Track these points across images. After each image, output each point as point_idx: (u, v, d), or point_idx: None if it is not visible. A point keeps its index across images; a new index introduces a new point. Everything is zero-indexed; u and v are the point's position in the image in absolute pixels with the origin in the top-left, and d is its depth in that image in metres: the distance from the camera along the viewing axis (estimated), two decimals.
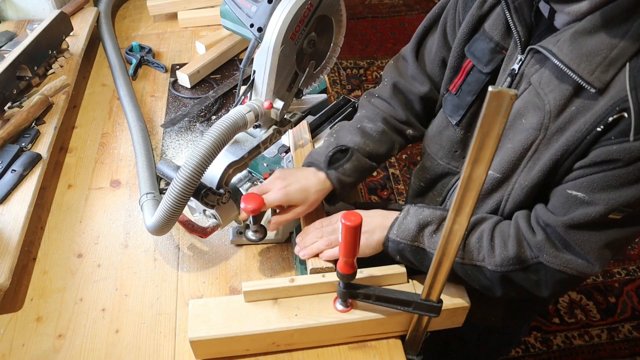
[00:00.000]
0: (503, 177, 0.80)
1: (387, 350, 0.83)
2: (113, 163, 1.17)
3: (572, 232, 0.72)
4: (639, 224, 0.72)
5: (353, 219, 0.64)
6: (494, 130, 0.50)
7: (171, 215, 0.82)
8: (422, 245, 0.80)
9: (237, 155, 0.86)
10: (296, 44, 0.86)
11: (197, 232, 0.91)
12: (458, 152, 0.92)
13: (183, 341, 0.85)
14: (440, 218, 0.81)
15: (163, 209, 0.82)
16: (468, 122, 0.89)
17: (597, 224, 0.71)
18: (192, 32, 1.60)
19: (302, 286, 0.81)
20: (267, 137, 0.91)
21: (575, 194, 0.72)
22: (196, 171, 0.77)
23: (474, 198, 0.57)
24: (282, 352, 0.83)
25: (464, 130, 0.89)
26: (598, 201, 0.69)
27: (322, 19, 0.89)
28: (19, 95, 1.22)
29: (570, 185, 0.73)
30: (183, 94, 1.36)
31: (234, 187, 0.92)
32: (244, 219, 0.90)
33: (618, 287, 2.05)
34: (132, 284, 0.93)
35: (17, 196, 1.00)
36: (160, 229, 0.86)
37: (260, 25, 0.85)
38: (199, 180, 0.79)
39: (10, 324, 0.88)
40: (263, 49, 0.84)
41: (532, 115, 0.75)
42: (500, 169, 0.79)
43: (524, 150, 0.76)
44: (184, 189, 0.78)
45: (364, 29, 3.32)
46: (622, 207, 0.68)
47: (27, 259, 0.98)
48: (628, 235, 0.73)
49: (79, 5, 1.55)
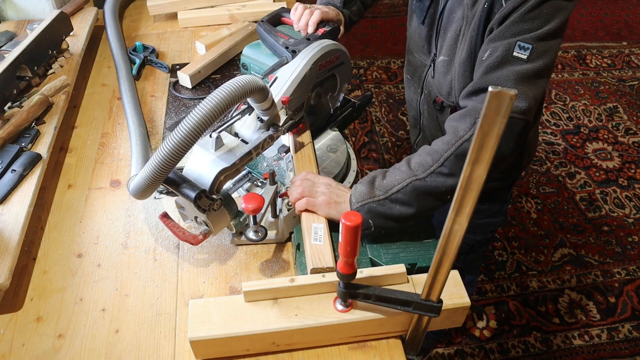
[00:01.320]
0: (449, 59, 1.03)
1: (387, 350, 0.83)
2: (113, 163, 1.17)
3: (486, 77, 0.88)
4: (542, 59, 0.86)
5: (353, 219, 0.64)
6: (494, 130, 0.50)
7: (159, 173, 0.76)
8: (379, 196, 0.88)
9: (228, 161, 0.86)
10: (317, 77, 1.03)
11: (188, 239, 0.90)
12: (425, 46, 1.15)
13: (183, 341, 0.85)
14: (382, 171, 0.93)
15: (153, 162, 0.76)
16: (429, 22, 1.10)
17: (505, 62, 0.87)
18: (192, 32, 1.60)
19: (302, 286, 0.81)
20: (259, 143, 0.91)
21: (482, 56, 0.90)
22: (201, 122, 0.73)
23: (474, 198, 0.57)
24: (282, 352, 0.83)
25: (427, 28, 1.11)
26: (497, 47, 0.87)
27: (332, 78, 1.09)
28: (19, 95, 1.22)
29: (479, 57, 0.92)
30: (184, 94, 1.36)
31: (226, 194, 0.91)
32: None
33: (618, 287, 2.05)
34: (132, 284, 0.93)
35: (17, 196, 1.00)
36: (146, 188, 0.80)
37: (295, 49, 1.03)
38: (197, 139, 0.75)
39: (10, 324, 0.88)
40: (293, 63, 1.00)
41: (458, 9, 0.99)
42: (447, 53, 1.04)
43: (456, 35, 1.00)
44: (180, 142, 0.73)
45: (364, 29, 3.32)
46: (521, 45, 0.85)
47: (27, 259, 0.98)
48: (537, 69, 0.86)
49: (79, 5, 1.55)
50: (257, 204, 0.83)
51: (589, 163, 2.53)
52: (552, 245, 2.18)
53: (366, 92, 2.86)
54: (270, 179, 0.93)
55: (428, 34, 1.12)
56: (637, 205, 2.34)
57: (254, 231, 0.91)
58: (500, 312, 1.96)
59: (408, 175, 0.88)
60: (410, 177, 0.88)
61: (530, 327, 1.92)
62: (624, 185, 2.44)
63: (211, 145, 0.87)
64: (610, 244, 2.19)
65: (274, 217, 0.96)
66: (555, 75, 3.04)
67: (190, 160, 0.87)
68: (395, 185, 0.88)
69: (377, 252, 0.91)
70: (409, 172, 0.89)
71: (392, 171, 0.91)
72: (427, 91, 1.18)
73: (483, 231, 1.30)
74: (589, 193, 2.40)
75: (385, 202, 0.88)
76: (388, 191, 0.88)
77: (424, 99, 1.21)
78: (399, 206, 0.88)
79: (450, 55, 1.03)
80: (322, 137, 1.15)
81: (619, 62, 3.16)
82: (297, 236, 0.94)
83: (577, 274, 2.09)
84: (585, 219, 2.28)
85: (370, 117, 2.78)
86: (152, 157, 0.77)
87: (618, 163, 2.54)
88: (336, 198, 0.92)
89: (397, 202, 0.88)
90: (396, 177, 0.89)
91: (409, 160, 0.92)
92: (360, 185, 0.91)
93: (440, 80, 1.08)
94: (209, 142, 0.88)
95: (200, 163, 0.86)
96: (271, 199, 0.92)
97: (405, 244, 0.92)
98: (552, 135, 2.67)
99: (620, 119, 2.78)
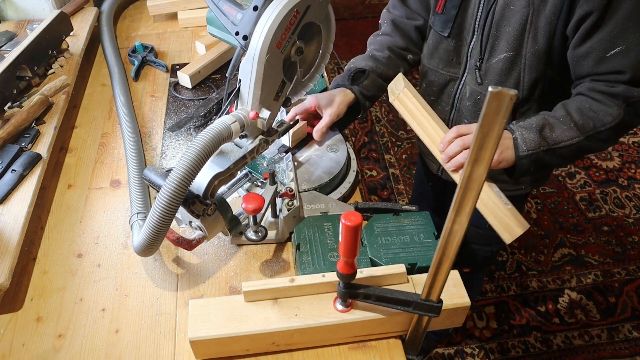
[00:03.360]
0: (515, 53, 1.01)
1: (387, 350, 0.83)
2: (113, 163, 1.17)
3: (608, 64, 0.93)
4: None
5: (353, 219, 0.64)
6: (494, 130, 0.50)
7: (158, 231, 0.79)
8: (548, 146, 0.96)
9: (222, 166, 0.84)
10: (282, 52, 0.84)
11: (183, 244, 0.89)
12: (454, 59, 1.14)
13: (183, 341, 0.85)
14: (542, 119, 0.97)
15: (149, 225, 0.79)
16: (456, 32, 1.09)
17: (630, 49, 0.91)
18: (192, 32, 1.60)
19: (302, 286, 0.81)
20: (253, 147, 0.89)
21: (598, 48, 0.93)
22: (181, 185, 0.75)
23: (474, 198, 0.57)
24: (282, 352, 0.83)
25: (455, 40, 1.11)
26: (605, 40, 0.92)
27: (310, 26, 0.87)
28: (19, 95, 1.22)
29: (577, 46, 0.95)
30: (184, 95, 1.36)
31: (220, 199, 0.90)
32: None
33: (618, 287, 2.05)
34: (132, 284, 0.93)
35: (17, 196, 1.00)
36: (148, 248, 0.83)
37: (246, 33, 0.82)
38: (185, 194, 0.77)
39: (10, 324, 0.88)
40: (249, 57, 0.82)
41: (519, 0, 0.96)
42: (510, 48, 1.01)
43: (522, 26, 0.98)
44: (169, 202, 0.76)
45: (364, 29, 3.32)
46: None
47: (27, 259, 0.98)
48: None
49: (79, 5, 1.55)
50: (257, 204, 0.83)
51: (589, 163, 2.53)
52: (552, 245, 2.19)
53: None
54: (270, 179, 0.93)
55: (456, 44, 1.11)
56: (637, 205, 2.34)
57: (254, 231, 0.91)
58: (500, 312, 1.96)
59: (576, 134, 0.96)
60: (577, 137, 0.96)
61: (530, 327, 1.92)
62: (624, 185, 2.44)
63: None
64: (610, 244, 2.19)
65: (274, 217, 0.96)
66: None
67: None
68: (564, 141, 0.96)
69: (377, 252, 0.91)
70: (577, 132, 0.96)
71: (557, 124, 0.97)
72: (469, 102, 1.15)
73: (499, 241, 1.28)
74: (589, 193, 2.40)
75: (551, 152, 0.96)
76: (557, 144, 0.96)
77: (457, 115, 1.20)
78: (557, 159, 0.98)
79: (516, 49, 1.01)
80: None
81: None
82: (297, 236, 0.94)
83: (577, 274, 2.09)
84: (585, 219, 2.28)
85: (370, 117, 2.78)
86: (148, 219, 0.79)
87: (618, 163, 2.54)
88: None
89: (559, 156, 0.97)
90: (565, 134, 0.96)
91: (570, 115, 0.96)
92: (527, 132, 0.96)
93: (500, 80, 1.06)
94: None
95: None
96: (271, 199, 0.92)
97: (405, 244, 0.92)
98: None
99: None
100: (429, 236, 0.94)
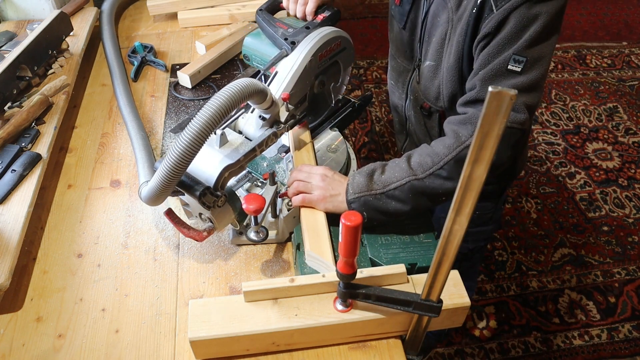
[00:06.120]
0: (436, 64, 1.02)
1: (387, 350, 0.83)
2: (113, 163, 1.17)
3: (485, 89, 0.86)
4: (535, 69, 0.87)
5: (353, 219, 0.64)
6: (494, 130, 0.50)
7: (172, 175, 0.77)
8: (376, 190, 0.90)
9: (232, 158, 0.86)
10: (318, 67, 1.02)
11: (193, 235, 0.90)
12: (407, 51, 1.14)
13: (183, 341, 0.85)
14: (381, 164, 0.93)
15: (162, 171, 0.77)
16: (410, 27, 1.09)
17: (501, 75, 0.87)
18: (192, 32, 1.60)
19: (302, 286, 0.81)
20: (262, 140, 0.91)
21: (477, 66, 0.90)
22: (202, 131, 0.74)
23: (474, 198, 0.57)
24: (282, 352, 0.83)
25: (409, 33, 1.11)
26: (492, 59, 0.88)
27: (335, 64, 1.08)
28: (19, 95, 1.22)
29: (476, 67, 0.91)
30: (184, 95, 1.36)
31: (230, 191, 0.91)
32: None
33: (618, 287, 2.05)
34: (132, 284, 0.93)
35: (17, 196, 1.00)
36: (158, 195, 0.82)
37: (294, 40, 1.01)
38: (202, 144, 0.76)
39: (10, 324, 0.88)
40: (292, 56, 0.99)
41: (443, 13, 0.98)
42: (433, 57, 1.02)
43: (442, 40, 0.99)
44: (186, 149, 0.74)
45: (364, 29, 3.32)
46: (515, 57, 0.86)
47: (27, 259, 0.98)
48: (531, 81, 0.87)
49: (79, 5, 1.55)
50: (258, 205, 0.83)
51: (589, 163, 2.53)
52: (552, 245, 2.19)
53: (366, 92, 2.87)
54: (270, 179, 0.93)
55: (410, 39, 1.11)
56: (637, 205, 2.34)
57: (255, 232, 0.91)
58: (500, 312, 1.96)
59: (407, 174, 0.89)
60: (409, 176, 0.89)
61: (530, 327, 1.92)
62: (624, 185, 2.44)
63: (215, 142, 0.88)
64: (610, 244, 2.19)
65: (274, 217, 0.96)
66: (555, 75, 3.04)
67: (195, 158, 0.87)
68: (393, 182, 0.89)
69: (377, 252, 0.91)
70: (409, 170, 0.90)
71: (392, 166, 0.92)
72: (412, 97, 1.17)
73: (475, 239, 1.28)
74: (589, 193, 2.40)
75: (382, 197, 0.90)
76: (386, 187, 0.90)
77: (410, 105, 1.20)
78: (395, 202, 0.90)
79: (437, 60, 1.02)
80: (322, 137, 1.14)
81: (619, 62, 3.16)
82: (297, 236, 0.95)
83: (577, 274, 2.09)
84: (585, 219, 2.28)
85: (370, 117, 2.78)
86: (162, 163, 0.78)
87: (618, 163, 2.54)
88: (332, 191, 0.93)
89: (394, 199, 0.90)
90: (395, 174, 0.90)
91: (409, 157, 0.92)
92: (359, 177, 0.92)
93: (426, 86, 1.08)
94: (213, 139, 0.88)
95: (204, 160, 0.86)
96: (271, 199, 0.92)
97: (405, 244, 0.92)
98: (552, 135, 2.67)
99: (620, 119, 2.78)
100: (429, 236, 0.94)
